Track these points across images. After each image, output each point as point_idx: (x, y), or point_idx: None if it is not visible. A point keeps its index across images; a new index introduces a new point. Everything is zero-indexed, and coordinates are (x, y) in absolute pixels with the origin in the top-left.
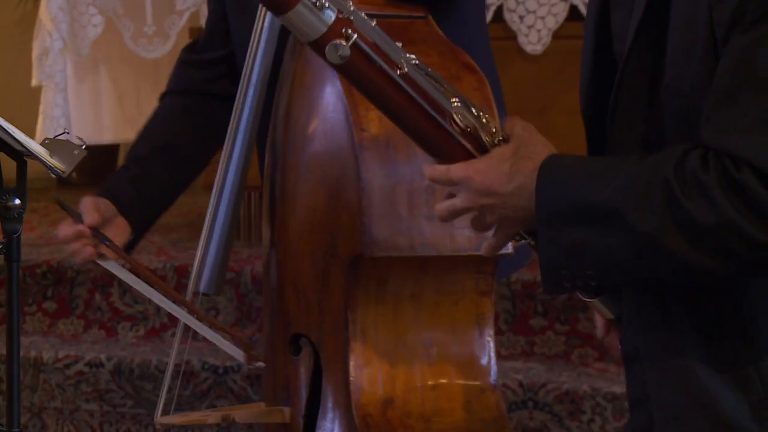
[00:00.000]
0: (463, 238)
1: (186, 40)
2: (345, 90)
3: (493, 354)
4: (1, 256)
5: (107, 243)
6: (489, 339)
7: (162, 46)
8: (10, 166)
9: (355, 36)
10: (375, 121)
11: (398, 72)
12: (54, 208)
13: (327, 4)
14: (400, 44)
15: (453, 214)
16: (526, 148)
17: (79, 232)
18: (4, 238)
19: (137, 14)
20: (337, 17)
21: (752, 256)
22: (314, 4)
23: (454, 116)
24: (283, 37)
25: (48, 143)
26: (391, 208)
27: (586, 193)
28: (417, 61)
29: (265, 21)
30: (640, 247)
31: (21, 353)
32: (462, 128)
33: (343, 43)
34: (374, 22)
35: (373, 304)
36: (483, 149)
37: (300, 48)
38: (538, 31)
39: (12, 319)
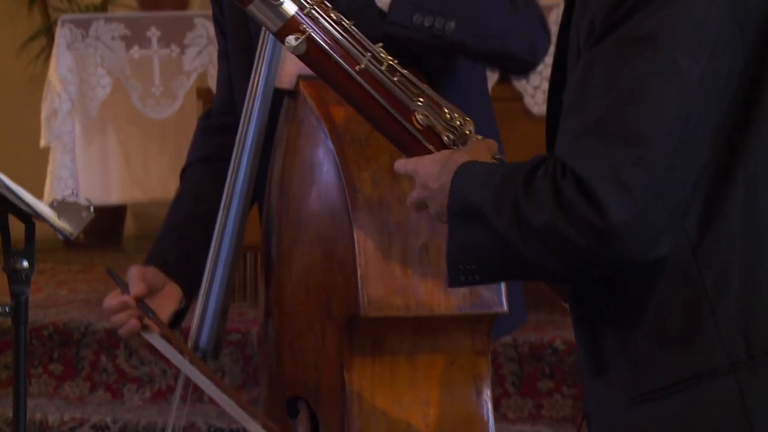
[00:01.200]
0: (457, 297)
1: (193, 101)
2: (337, 151)
3: (491, 415)
4: (8, 318)
5: (151, 315)
6: (486, 399)
7: (169, 107)
8: (17, 228)
9: (310, 31)
10: (368, 182)
11: (356, 68)
12: (60, 269)
13: (285, 2)
14: (378, 45)
15: (413, 205)
16: (463, 153)
17: (125, 303)
18: (11, 299)
19: (145, 75)
20: (295, 13)
21: (578, 259)
22: (272, 1)
23: (416, 115)
24: (277, 101)
25: (56, 205)
26: (386, 268)
27: (472, 194)
28: (392, 61)
29: (258, 87)
30: (498, 245)
31: (26, 416)
32: (423, 126)
33: (299, 37)
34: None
35: (369, 364)
36: (445, 148)
37: (293, 112)
38: (544, 91)
39: (19, 382)
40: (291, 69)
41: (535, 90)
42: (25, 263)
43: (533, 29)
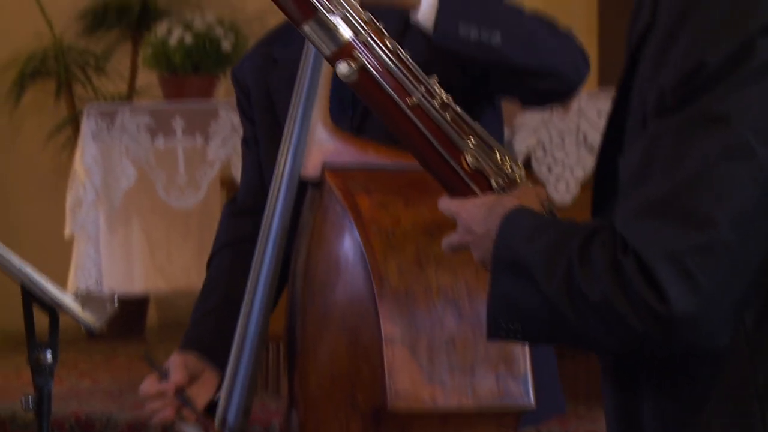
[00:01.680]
0: (484, 391)
1: (217, 190)
2: (364, 241)
3: None
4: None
5: (189, 405)
6: None
7: (193, 196)
8: (40, 318)
9: (364, 59)
10: (394, 272)
11: (408, 102)
12: (82, 359)
13: (341, 25)
14: (434, 79)
15: (450, 247)
16: (512, 197)
17: (162, 391)
18: (34, 391)
19: (169, 165)
20: (350, 39)
21: (632, 339)
22: (328, 23)
23: (465, 156)
24: (301, 190)
25: (80, 296)
26: (413, 360)
27: (520, 247)
28: (446, 98)
29: (284, 176)
30: (545, 308)
31: None
32: (471, 169)
33: (352, 64)
34: (400, 53)
35: None
36: (492, 192)
37: (319, 201)
38: (567, 182)
39: None
40: (316, 158)
41: (557, 180)
42: (49, 355)
43: (576, 53)
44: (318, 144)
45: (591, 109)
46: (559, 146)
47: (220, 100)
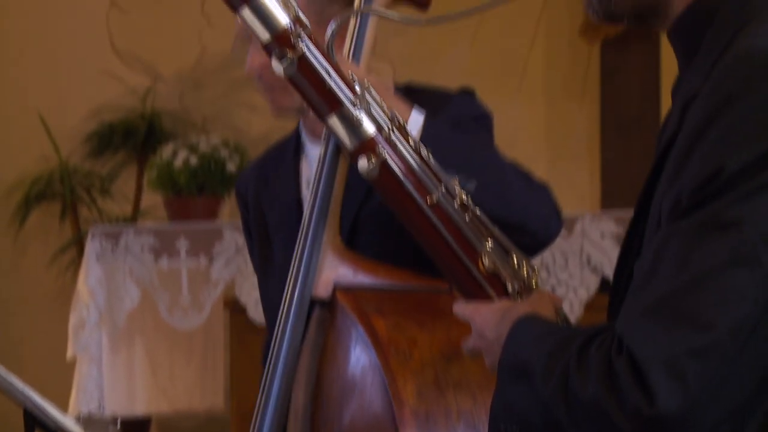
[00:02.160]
0: None
1: (220, 311)
2: (383, 363)
3: None
4: None
5: None
6: None
7: (197, 317)
8: None
9: (386, 156)
10: (413, 395)
11: (428, 201)
12: None
13: (365, 120)
14: (454, 180)
15: (468, 352)
16: (525, 305)
17: None
18: None
19: (173, 286)
20: (373, 134)
21: None
22: (352, 117)
23: (482, 258)
24: (311, 307)
25: (82, 421)
26: None
27: (525, 353)
28: (465, 197)
29: (294, 296)
30: (541, 411)
31: None
32: (487, 271)
33: (373, 160)
34: (422, 154)
35: None
36: (507, 296)
37: (330, 321)
38: (571, 303)
39: None
40: (327, 278)
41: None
42: None
43: (549, 209)
44: (329, 264)
45: (594, 231)
46: (563, 267)
47: (225, 222)
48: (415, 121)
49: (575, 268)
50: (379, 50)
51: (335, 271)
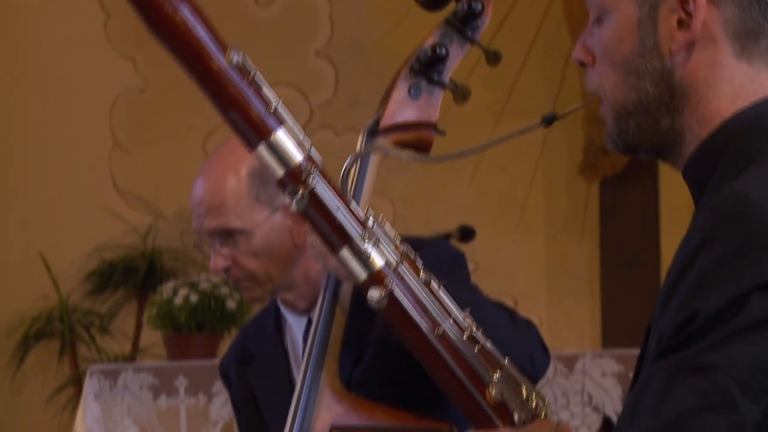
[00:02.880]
0: None
1: None
2: None
3: None
4: None
5: None
6: None
7: None
8: None
9: (394, 288)
10: None
11: (435, 333)
12: None
13: (374, 253)
14: (465, 313)
15: None
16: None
17: None
18: None
19: (172, 424)
20: (382, 267)
21: None
22: (362, 251)
23: (489, 388)
24: None
25: None
26: None
27: None
28: (475, 329)
29: None
30: None
31: None
32: (494, 402)
33: (381, 292)
34: (430, 282)
35: None
36: (514, 426)
37: None
38: None
39: None
40: (324, 420)
41: None
42: None
43: (533, 345)
44: (326, 406)
45: (595, 370)
46: (564, 406)
47: None
48: None
49: (576, 407)
50: (380, 189)
51: (333, 412)
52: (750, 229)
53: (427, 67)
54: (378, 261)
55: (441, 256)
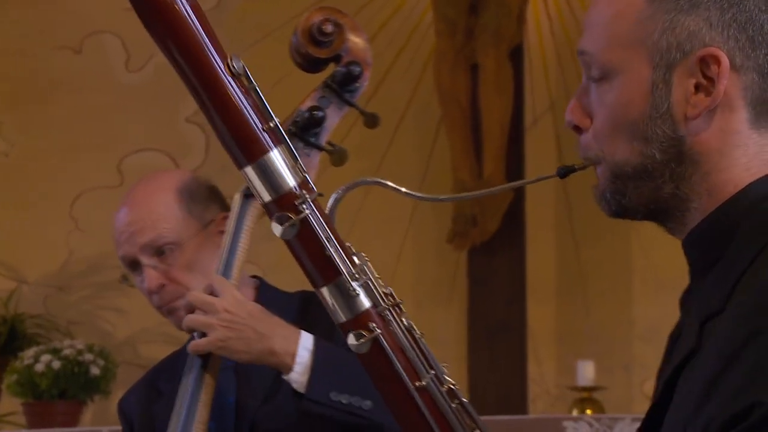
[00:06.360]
0: None
1: None
2: None
3: None
4: None
5: None
6: None
7: None
8: None
9: (378, 332)
10: None
11: (416, 384)
12: None
13: (361, 294)
14: (445, 366)
15: None
16: None
17: None
18: None
19: None
20: (368, 309)
21: None
22: (348, 289)
23: None
24: None
25: None
26: None
27: None
28: (453, 386)
29: None
30: None
31: None
32: None
33: (365, 335)
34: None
35: None
36: None
37: None
38: None
39: None
40: None
41: None
42: None
43: None
44: None
45: None
46: None
47: (86, 428)
48: (306, 340)
49: None
50: (250, 256)
51: None
52: None
53: (304, 130)
54: (365, 302)
55: None
